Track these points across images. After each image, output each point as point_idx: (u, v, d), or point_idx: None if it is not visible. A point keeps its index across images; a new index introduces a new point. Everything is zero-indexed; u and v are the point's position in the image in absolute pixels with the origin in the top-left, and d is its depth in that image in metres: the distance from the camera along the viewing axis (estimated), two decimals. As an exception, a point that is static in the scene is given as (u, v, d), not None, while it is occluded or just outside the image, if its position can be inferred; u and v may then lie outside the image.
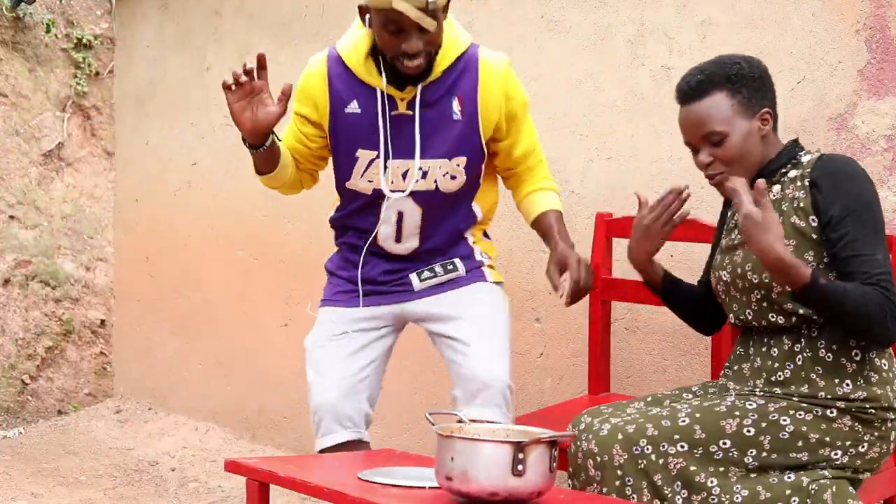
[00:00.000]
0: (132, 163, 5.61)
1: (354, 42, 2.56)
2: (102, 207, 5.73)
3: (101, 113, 5.73)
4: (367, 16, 2.44)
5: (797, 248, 2.11)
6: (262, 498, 2.26)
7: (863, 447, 2.11)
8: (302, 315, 4.48)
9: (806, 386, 2.11)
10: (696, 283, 2.52)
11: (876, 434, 2.12)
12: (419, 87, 2.51)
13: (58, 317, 5.51)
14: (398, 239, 2.64)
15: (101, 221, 5.72)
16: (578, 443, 2.14)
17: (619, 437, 2.08)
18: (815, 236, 2.11)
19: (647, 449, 2.06)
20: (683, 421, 2.08)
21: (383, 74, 2.51)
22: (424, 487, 2.09)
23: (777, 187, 2.20)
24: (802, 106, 2.80)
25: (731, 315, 2.29)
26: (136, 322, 5.57)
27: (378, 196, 2.60)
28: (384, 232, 2.63)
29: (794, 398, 2.10)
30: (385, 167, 2.56)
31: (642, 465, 2.06)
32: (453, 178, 2.58)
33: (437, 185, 2.57)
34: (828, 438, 2.07)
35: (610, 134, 3.26)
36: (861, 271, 2.05)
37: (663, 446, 2.06)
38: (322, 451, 2.59)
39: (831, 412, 2.08)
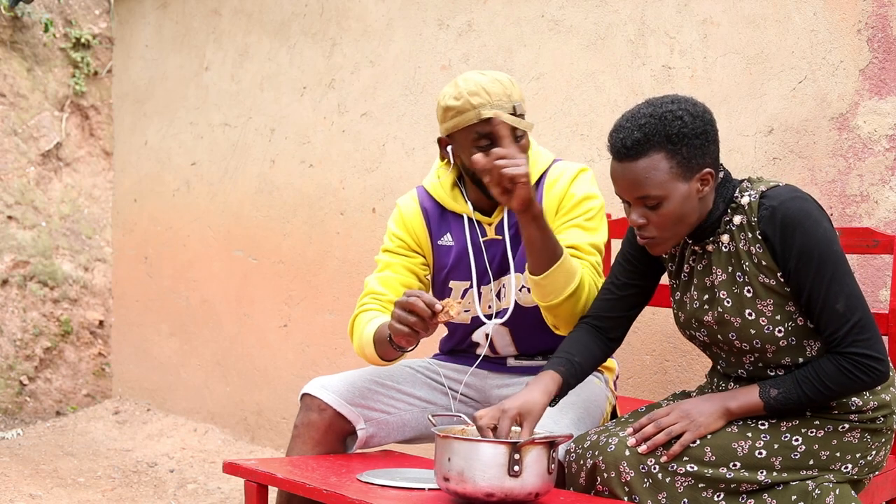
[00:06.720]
0: (131, 163, 5.60)
1: (438, 175, 2.53)
2: (101, 207, 5.72)
3: (99, 113, 5.72)
4: (449, 146, 2.40)
5: (776, 305, 2.04)
6: (261, 499, 2.25)
7: (871, 455, 2.11)
8: (301, 316, 4.47)
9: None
10: (587, 330, 2.28)
11: (883, 440, 2.12)
12: (506, 208, 2.42)
13: (56, 317, 5.50)
14: (494, 351, 2.56)
15: (99, 222, 5.71)
16: (582, 461, 2.12)
17: (627, 453, 2.06)
18: (788, 289, 2.05)
19: (655, 468, 2.04)
20: (694, 442, 2.05)
21: (468, 202, 2.47)
22: (424, 489, 2.08)
23: (726, 237, 2.08)
24: (804, 106, 2.79)
25: (719, 367, 2.22)
26: (134, 323, 5.56)
27: (477, 325, 2.53)
28: (481, 351, 2.57)
29: (808, 413, 2.08)
30: (479, 294, 2.48)
31: (648, 484, 2.03)
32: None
33: (515, 302, 2.46)
34: (838, 453, 2.07)
35: (610, 134, 3.24)
36: (824, 330, 2.02)
37: (672, 466, 2.04)
38: (303, 396, 2.51)
39: (842, 427, 2.07)
